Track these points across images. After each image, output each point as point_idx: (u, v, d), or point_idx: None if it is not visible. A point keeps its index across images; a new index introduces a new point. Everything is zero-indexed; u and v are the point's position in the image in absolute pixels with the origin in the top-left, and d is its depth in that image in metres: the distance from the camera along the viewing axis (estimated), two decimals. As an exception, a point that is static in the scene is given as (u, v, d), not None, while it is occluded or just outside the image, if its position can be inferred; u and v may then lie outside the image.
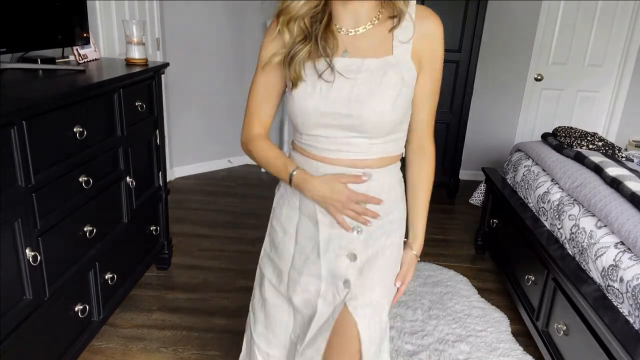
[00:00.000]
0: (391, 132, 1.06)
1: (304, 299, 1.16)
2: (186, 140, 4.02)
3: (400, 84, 1.01)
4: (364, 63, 1.01)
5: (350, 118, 1.01)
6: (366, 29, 1.03)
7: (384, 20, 1.03)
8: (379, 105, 1.00)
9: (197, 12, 3.78)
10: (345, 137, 1.04)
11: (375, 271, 1.11)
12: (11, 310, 1.44)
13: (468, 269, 2.88)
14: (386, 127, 1.03)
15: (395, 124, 1.05)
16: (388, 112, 1.01)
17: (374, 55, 1.02)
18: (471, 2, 3.46)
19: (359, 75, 1.01)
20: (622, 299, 1.67)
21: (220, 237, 3.09)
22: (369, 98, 0.99)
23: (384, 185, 1.10)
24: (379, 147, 1.06)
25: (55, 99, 1.55)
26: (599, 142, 2.60)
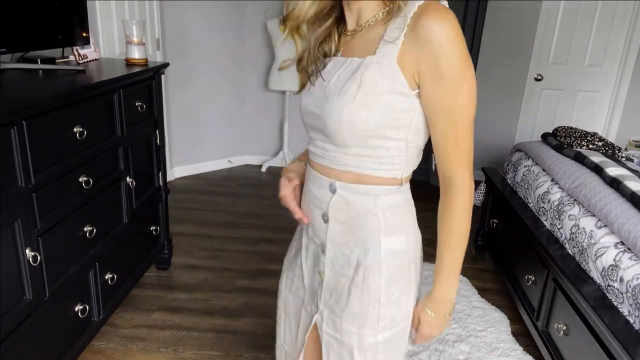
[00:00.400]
0: (364, 145, 0.89)
1: (294, 302, 1.13)
2: (186, 140, 4.02)
3: (376, 86, 0.86)
4: (347, 62, 0.91)
5: (317, 119, 0.93)
6: (363, 29, 0.93)
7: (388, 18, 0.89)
8: (338, 105, 0.87)
9: (197, 12, 3.78)
10: (321, 141, 0.96)
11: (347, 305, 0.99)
12: (11, 310, 1.44)
13: (468, 269, 2.88)
14: (353, 133, 0.88)
15: (366, 135, 0.88)
16: (355, 115, 0.86)
17: (360, 54, 0.90)
18: (471, 2, 3.46)
19: (337, 75, 0.91)
20: (622, 299, 1.67)
21: (220, 237, 3.09)
22: (334, 98, 0.89)
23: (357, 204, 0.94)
24: (348, 158, 0.92)
25: (55, 99, 1.55)
26: (599, 142, 2.60)
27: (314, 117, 0.95)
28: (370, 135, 0.88)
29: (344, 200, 0.95)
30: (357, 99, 0.86)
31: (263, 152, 4.48)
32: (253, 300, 2.45)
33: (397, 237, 0.97)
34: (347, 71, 0.90)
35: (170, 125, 3.86)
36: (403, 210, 0.98)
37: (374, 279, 0.96)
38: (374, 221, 0.95)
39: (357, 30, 0.93)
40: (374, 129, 0.87)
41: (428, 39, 0.81)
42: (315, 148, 0.98)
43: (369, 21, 0.91)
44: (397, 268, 0.98)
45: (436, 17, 0.81)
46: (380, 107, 0.86)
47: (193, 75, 3.92)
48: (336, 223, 0.98)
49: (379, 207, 0.94)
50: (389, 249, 0.96)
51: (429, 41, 0.81)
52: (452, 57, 0.82)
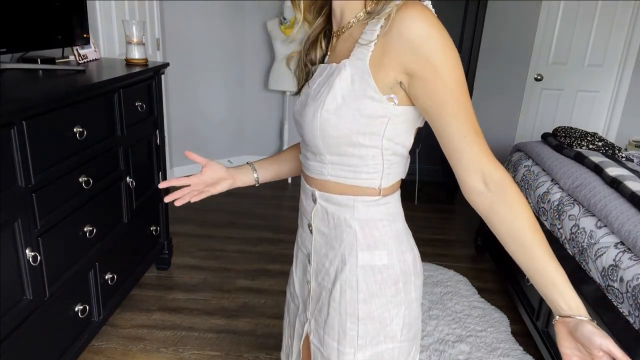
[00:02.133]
0: (338, 152, 0.85)
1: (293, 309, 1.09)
2: (186, 140, 4.02)
3: (346, 91, 0.81)
4: (327, 68, 0.87)
5: (299, 126, 0.90)
6: (345, 31, 0.87)
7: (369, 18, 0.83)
8: (310, 112, 0.84)
9: (197, 12, 3.78)
10: (305, 150, 0.93)
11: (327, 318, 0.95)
12: (11, 310, 1.44)
13: (468, 269, 2.88)
14: (325, 140, 0.84)
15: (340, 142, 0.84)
16: (326, 121, 0.82)
17: (338, 59, 0.85)
18: (471, 2, 3.46)
19: (317, 81, 0.88)
20: (622, 299, 1.67)
21: (220, 237, 3.09)
22: (308, 104, 0.86)
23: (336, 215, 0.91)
24: (325, 167, 0.88)
25: (55, 99, 1.55)
26: (599, 142, 2.60)
27: (297, 125, 0.92)
28: (342, 143, 0.84)
29: (324, 210, 0.92)
30: (327, 104, 0.82)
31: (263, 152, 4.48)
32: (253, 300, 2.46)
33: (377, 252, 0.90)
34: (324, 77, 0.86)
35: (170, 125, 3.86)
36: (384, 223, 0.91)
37: (351, 294, 0.91)
38: (351, 234, 0.90)
39: (340, 33, 0.88)
40: (346, 135, 0.83)
41: (410, 40, 0.76)
42: (302, 157, 0.95)
43: (350, 22, 0.86)
44: (378, 284, 0.91)
45: (412, 16, 0.76)
46: (350, 113, 0.81)
47: (193, 75, 3.92)
48: (318, 234, 0.94)
49: (356, 219, 0.89)
50: (366, 264, 0.90)
51: (413, 42, 0.75)
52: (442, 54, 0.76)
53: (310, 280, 0.99)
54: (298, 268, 1.05)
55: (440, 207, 3.77)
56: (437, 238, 3.24)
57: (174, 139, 3.92)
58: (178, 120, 3.93)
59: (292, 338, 1.10)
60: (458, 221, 3.57)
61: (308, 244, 0.98)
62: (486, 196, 0.79)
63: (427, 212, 3.65)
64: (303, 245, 1.01)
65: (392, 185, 0.91)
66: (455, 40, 3.65)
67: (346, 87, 0.81)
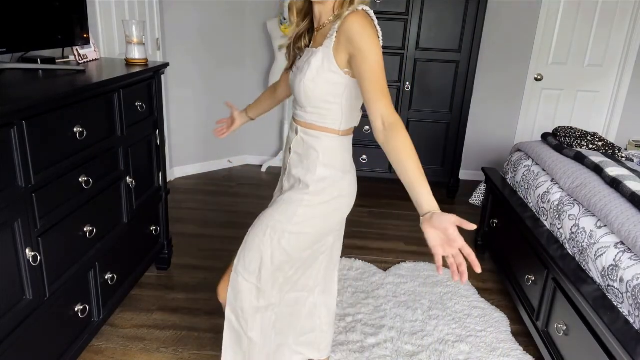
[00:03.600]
0: (316, 107, 1.34)
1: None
2: (186, 140, 4.02)
3: (318, 67, 1.29)
4: (310, 51, 1.34)
5: (292, 89, 1.40)
6: (323, 27, 1.34)
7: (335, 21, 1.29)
8: (301, 81, 1.32)
9: (197, 12, 3.78)
10: (295, 103, 1.41)
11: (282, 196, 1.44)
12: (11, 310, 1.44)
13: (468, 269, 2.87)
14: (306, 98, 1.33)
15: (316, 99, 1.33)
16: (307, 88, 1.31)
17: (316, 46, 1.33)
18: (471, 2, 3.46)
19: (303, 59, 1.36)
20: (622, 299, 1.67)
21: (221, 237, 3.09)
22: (296, 75, 1.35)
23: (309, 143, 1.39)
24: (309, 116, 1.37)
25: (55, 99, 1.55)
26: (599, 142, 2.60)
27: (291, 88, 1.40)
28: (317, 100, 1.33)
29: (301, 139, 1.41)
30: (307, 76, 1.31)
31: (263, 152, 4.48)
32: (253, 300, 2.45)
33: (328, 168, 1.39)
34: (306, 57, 1.34)
35: (170, 125, 3.86)
36: (337, 152, 1.40)
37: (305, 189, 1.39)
38: (315, 155, 1.38)
39: (320, 28, 1.35)
40: (319, 95, 1.32)
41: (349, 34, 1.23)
42: (293, 107, 1.45)
43: (324, 22, 1.33)
44: (322, 188, 1.39)
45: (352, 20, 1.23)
46: (322, 81, 1.30)
47: (193, 75, 3.93)
48: (295, 154, 1.43)
49: (320, 147, 1.38)
50: (320, 174, 1.38)
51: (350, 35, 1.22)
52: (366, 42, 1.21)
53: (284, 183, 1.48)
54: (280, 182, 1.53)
55: (441, 207, 3.75)
56: (437, 238, 3.24)
57: (174, 139, 3.92)
58: (178, 120, 3.93)
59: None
60: (458, 221, 3.56)
61: (287, 161, 1.47)
62: (384, 133, 1.20)
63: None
64: (283, 163, 1.50)
65: (347, 129, 1.40)
66: (455, 40, 3.67)
67: (319, 65, 1.30)
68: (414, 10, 3.53)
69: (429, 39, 3.60)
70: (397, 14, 3.53)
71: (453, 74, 3.66)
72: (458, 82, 3.67)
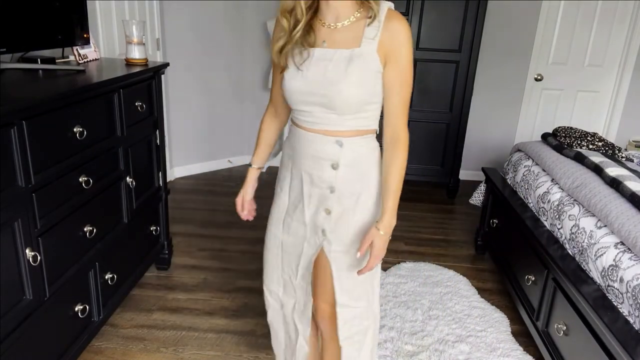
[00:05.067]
0: (359, 111, 1.28)
1: (294, 241, 1.44)
2: (186, 140, 4.02)
3: (363, 71, 1.23)
4: (336, 53, 1.25)
5: (324, 97, 1.25)
6: (344, 25, 1.26)
7: (361, 19, 1.25)
8: (345, 88, 1.23)
9: (197, 12, 3.78)
10: (323, 113, 1.28)
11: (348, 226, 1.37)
12: (11, 310, 1.44)
13: (468, 269, 2.88)
14: (352, 105, 1.26)
15: (361, 104, 1.27)
16: (354, 95, 1.24)
17: (345, 46, 1.25)
18: (471, 2, 3.46)
19: (331, 63, 1.24)
20: (622, 299, 1.67)
21: (220, 237, 3.09)
22: (337, 82, 1.23)
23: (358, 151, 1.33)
24: (349, 122, 1.29)
25: (55, 99, 1.55)
26: (599, 142, 2.60)
27: (316, 96, 1.26)
28: (366, 103, 1.28)
29: (349, 150, 1.31)
30: (355, 81, 1.23)
31: (263, 152, 4.47)
32: (253, 300, 2.45)
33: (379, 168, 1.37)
34: (340, 61, 1.24)
35: (170, 125, 3.86)
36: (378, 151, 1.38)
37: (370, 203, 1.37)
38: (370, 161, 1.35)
39: (336, 26, 1.26)
40: (368, 99, 1.27)
41: (395, 38, 1.23)
42: (314, 117, 1.30)
43: (349, 19, 1.25)
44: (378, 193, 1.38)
45: (402, 21, 1.24)
46: (370, 85, 1.26)
47: (193, 75, 3.92)
48: (345, 168, 1.32)
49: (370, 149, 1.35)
50: (377, 179, 1.37)
51: (396, 39, 1.23)
52: (407, 48, 1.24)
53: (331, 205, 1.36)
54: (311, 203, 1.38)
55: (440, 207, 3.77)
56: (437, 238, 3.24)
57: (174, 139, 3.92)
58: (178, 120, 3.93)
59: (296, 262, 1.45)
60: (458, 221, 3.57)
61: (331, 179, 1.34)
62: (388, 142, 1.32)
63: (427, 212, 3.65)
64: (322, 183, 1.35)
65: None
66: (455, 40, 3.68)
67: (364, 70, 1.23)
68: (414, 10, 3.53)
69: (429, 39, 3.60)
70: (397, 14, 3.53)
71: (453, 74, 3.66)
72: (458, 82, 3.67)
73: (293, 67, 1.28)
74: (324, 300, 1.44)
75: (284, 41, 1.27)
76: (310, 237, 1.41)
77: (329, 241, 1.38)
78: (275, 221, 1.50)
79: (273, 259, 1.52)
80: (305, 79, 1.26)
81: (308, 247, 1.42)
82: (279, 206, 1.49)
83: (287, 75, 1.29)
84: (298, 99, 1.30)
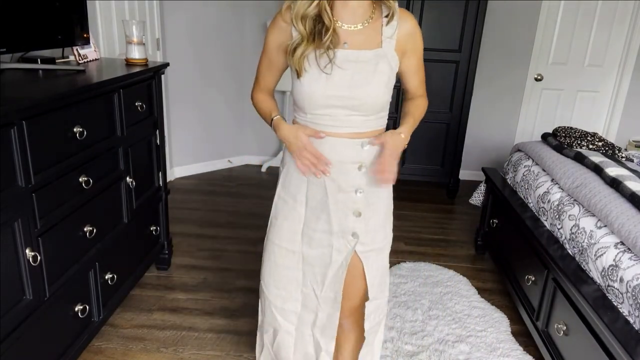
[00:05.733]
0: (381, 110, 1.34)
1: (319, 252, 1.40)
2: (186, 140, 4.02)
3: (389, 71, 1.29)
4: (360, 54, 1.27)
5: (352, 100, 1.27)
6: (363, 26, 1.28)
7: (377, 19, 1.29)
8: (375, 89, 1.27)
9: (197, 12, 3.78)
10: (346, 115, 1.29)
11: (378, 222, 1.41)
12: (11, 310, 1.44)
13: (468, 269, 2.88)
14: (379, 106, 1.31)
15: (385, 103, 1.33)
16: (382, 94, 1.30)
17: (367, 47, 1.28)
18: (471, 2, 3.46)
19: (357, 65, 1.26)
20: (622, 299, 1.67)
21: (220, 237, 3.09)
22: (367, 84, 1.26)
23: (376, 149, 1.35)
24: (371, 122, 1.33)
25: (55, 99, 1.55)
26: (599, 142, 2.60)
27: (342, 99, 1.27)
28: (388, 102, 1.34)
29: (372, 149, 1.33)
30: (384, 82, 1.29)
31: (263, 152, 4.48)
32: (253, 300, 2.45)
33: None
34: (366, 63, 1.27)
35: (170, 125, 3.86)
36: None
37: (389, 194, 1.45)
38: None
39: (356, 27, 1.28)
40: (387, 100, 1.33)
41: (412, 34, 1.34)
42: (335, 121, 1.30)
43: (367, 20, 1.28)
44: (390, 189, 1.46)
45: (413, 19, 1.34)
46: (391, 85, 1.32)
47: (193, 75, 3.93)
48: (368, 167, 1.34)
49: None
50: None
51: (413, 35, 1.34)
52: (421, 41, 1.37)
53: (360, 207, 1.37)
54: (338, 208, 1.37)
55: (440, 207, 3.77)
56: (437, 238, 3.24)
57: (174, 139, 3.92)
58: (178, 120, 3.93)
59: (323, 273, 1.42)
60: (458, 221, 3.57)
61: (357, 180, 1.35)
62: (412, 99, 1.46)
63: (427, 212, 3.65)
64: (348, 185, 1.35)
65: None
66: (455, 40, 3.68)
67: (387, 70, 1.29)
68: (414, 11, 3.53)
69: (428, 39, 3.59)
70: (397, 14, 3.53)
71: (453, 74, 3.66)
72: (458, 82, 3.67)
73: (315, 71, 1.25)
74: (350, 299, 1.45)
75: (304, 46, 1.24)
76: (340, 244, 1.39)
77: (362, 243, 1.39)
78: (289, 235, 1.43)
79: (291, 275, 1.45)
80: (330, 82, 1.25)
81: (338, 255, 1.39)
82: (293, 219, 1.42)
83: (308, 78, 1.26)
84: (320, 103, 1.27)
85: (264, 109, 1.44)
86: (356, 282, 1.42)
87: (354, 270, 1.41)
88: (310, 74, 1.26)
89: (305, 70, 1.25)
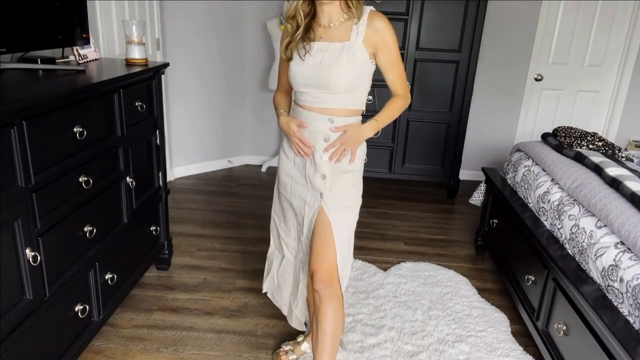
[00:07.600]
0: (348, 91, 1.62)
1: (298, 204, 1.76)
2: (186, 140, 4.02)
3: (351, 59, 1.58)
4: (330, 45, 1.61)
5: (321, 80, 1.60)
6: (335, 25, 1.62)
7: (348, 19, 1.62)
8: (337, 71, 1.58)
9: (197, 12, 3.78)
10: (318, 93, 1.63)
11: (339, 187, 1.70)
12: (11, 310, 1.44)
13: (468, 269, 2.88)
14: (342, 86, 1.59)
15: (350, 85, 1.61)
16: (343, 75, 1.58)
17: (337, 40, 1.61)
18: (471, 2, 3.46)
19: (326, 53, 1.60)
20: (622, 299, 1.67)
21: (220, 237, 3.09)
22: (331, 67, 1.58)
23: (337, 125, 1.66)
24: (340, 100, 1.63)
25: (55, 99, 1.55)
26: (599, 142, 2.60)
27: (314, 79, 1.61)
28: (353, 86, 1.62)
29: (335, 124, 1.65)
30: (345, 67, 1.58)
31: (263, 152, 4.48)
32: (253, 300, 2.46)
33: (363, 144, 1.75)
34: (334, 51, 1.59)
35: (170, 125, 3.86)
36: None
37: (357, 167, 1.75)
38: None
39: (330, 26, 1.62)
40: (355, 82, 1.62)
41: (379, 30, 1.60)
42: (312, 97, 1.65)
43: (339, 20, 1.62)
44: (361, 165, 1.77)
45: (382, 19, 1.61)
46: (357, 70, 1.61)
47: (193, 75, 3.93)
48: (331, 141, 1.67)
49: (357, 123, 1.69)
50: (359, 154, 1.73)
51: (380, 31, 1.60)
52: (392, 37, 1.63)
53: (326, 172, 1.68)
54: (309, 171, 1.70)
55: (440, 207, 3.77)
56: (437, 238, 3.24)
57: (174, 139, 3.92)
58: (178, 120, 3.93)
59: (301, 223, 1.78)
60: (458, 221, 3.57)
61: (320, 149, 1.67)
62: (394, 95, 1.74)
63: (427, 212, 3.65)
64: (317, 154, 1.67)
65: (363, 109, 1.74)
66: (455, 40, 3.68)
67: (352, 57, 1.59)
68: (414, 10, 3.53)
69: (429, 39, 3.60)
70: (397, 14, 3.53)
71: (453, 74, 3.66)
72: (458, 82, 3.67)
73: (297, 58, 1.64)
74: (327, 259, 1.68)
75: (288, 40, 1.65)
76: (311, 199, 1.72)
77: (326, 202, 1.68)
78: (284, 185, 1.81)
79: (290, 217, 1.84)
80: (306, 66, 1.61)
81: (308, 209, 1.73)
82: (286, 169, 1.79)
83: (292, 64, 1.65)
84: (300, 82, 1.64)
85: (276, 105, 1.83)
86: (329, 243, 1.68)
87: (324, 226, 1.68)
88: (294, 61, 1.64)
89: (292, 58, 1.64)
